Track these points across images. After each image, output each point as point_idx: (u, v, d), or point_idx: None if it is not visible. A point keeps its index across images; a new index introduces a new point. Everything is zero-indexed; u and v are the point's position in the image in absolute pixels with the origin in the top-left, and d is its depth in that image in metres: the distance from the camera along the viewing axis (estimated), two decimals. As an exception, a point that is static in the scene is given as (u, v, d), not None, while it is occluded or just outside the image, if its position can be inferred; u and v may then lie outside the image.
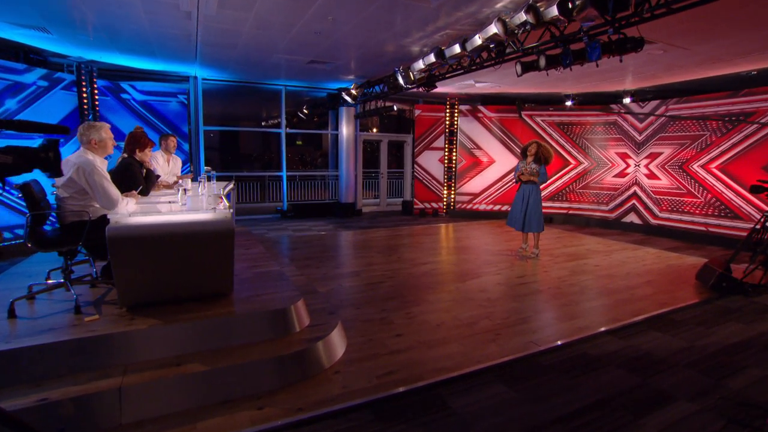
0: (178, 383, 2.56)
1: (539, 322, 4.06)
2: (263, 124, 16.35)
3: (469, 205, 10.96)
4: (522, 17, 4.34)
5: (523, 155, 6.41)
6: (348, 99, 9.38)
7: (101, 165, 3.06)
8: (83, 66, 7.11)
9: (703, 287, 5.03)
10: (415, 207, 11.19)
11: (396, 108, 9.50)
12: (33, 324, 2.78)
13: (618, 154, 9.49)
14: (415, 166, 11.14)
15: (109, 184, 3.01)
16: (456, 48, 5.41)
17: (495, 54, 5.65)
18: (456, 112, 10.76)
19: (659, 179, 8.68)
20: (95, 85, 7.28)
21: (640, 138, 9.02)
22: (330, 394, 2.75)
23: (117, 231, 2.77)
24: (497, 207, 10.76)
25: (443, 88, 9.14)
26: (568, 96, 9.87)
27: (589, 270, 5.89)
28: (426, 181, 11.12)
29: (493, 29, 4.71)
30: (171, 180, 5.15)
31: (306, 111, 11.13)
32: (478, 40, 5.03)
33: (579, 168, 10.14)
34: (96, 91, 7.29)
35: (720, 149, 7.63)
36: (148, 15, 5.05)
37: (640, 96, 9.15)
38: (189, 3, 4.68)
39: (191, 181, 5.48)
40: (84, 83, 7.06)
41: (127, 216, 2.91)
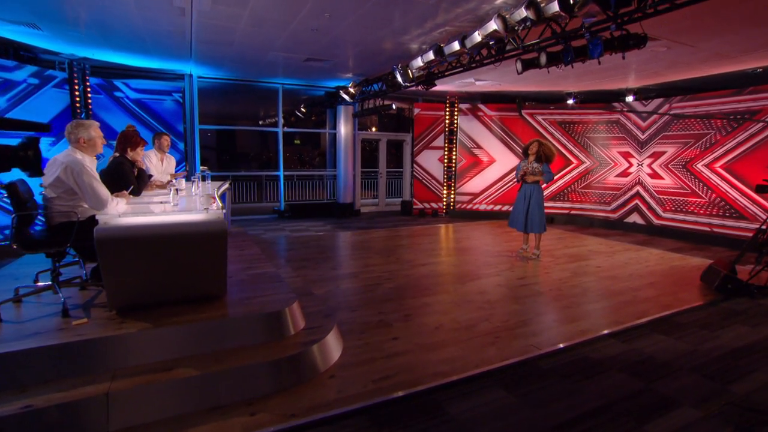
0: (168, 388, 2.53)
1: (540, 324, 4.03)
2: (260, 123, 16.31)
3: (469, 205, 10.93)
4: (522, 13, 4.31)
5: (525, 154, 6.38)
6: (346, 97, 9.34)
7: (90, 164, 3.03)
8: (75, 63, 7.06)
9: (708, 289, 4.99)
10: (415, 207, 11.16)
11: (395, 106, 9.47)
12: (19, 328, 2.74)
13: (620, 153, 9.46)
14: (415, 165, 11.11)
15: (99, 183, 2.97)
16: (455, 45, 5.38)
17: (495, 51, 5.62)
18: (456, 110, 10.72)
19: (663, 179, 8.64)
20: (88, 83, 7.24)
21: (643, 137, 8.99)
22: (325, 399, 2.71)
23: (106, 232, 2.73)
24: (498, 207, 10.73)
25: (443, 86, 9.12)
26: (569, 94, 9.84)
27: (591, 271, 5.86)
28: (425, 181, 11.08)
29: (493, 26, 4.68)
30: (165, 179, 5.12)
31: (304, 110, 11.09)
32: (477, 37, 5.00)
33: (581, 167, 10.11)
34: (89, 89, 7.25)
35: (725, 148, 7.60)
36: (140, 11, 5.01)
37: (643, 94, 9.12)
38: (182, -1, 4.65)
39: (185, 181, 5.45)
40: (76, 81, 7.02)
41: (117, 217, 2.87)
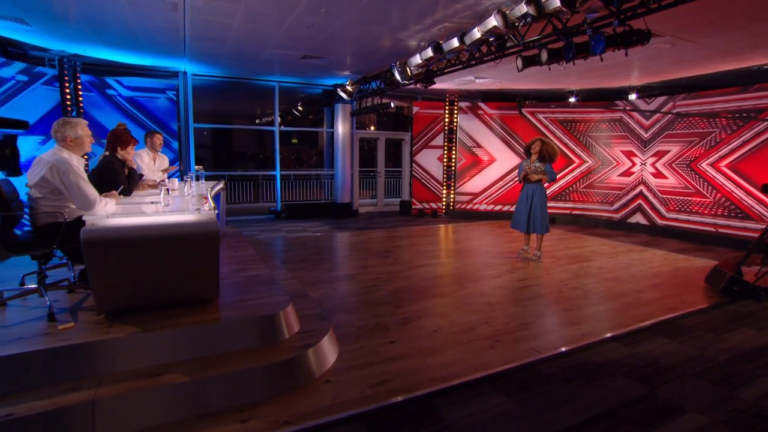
0: (156, 395, 2.48)
1: (541, 327, 3.99)
2: (257, 121, 16.27)
3: (469, 205, 10.89)
4: (523, 9, 4.27)
5: (527, 154, 6.33)
6: (343, 95, 9.31)
7: (77, 163, 2.98)
8: (66, 60, 7.01)
9: (713, 291, 4.95)
10: (414, 207, 11.12)
11: (393, 105, 9.42)
12: (2, 333, 2.69)
13: (623, 152, 9.42)
14: (414, 164, 11.06)
15: (86, 183, 2.93)
16: (454, 42, 5.35)
17: (495, 48, 5.59)
18: (455, 109, 10.69)
19: (666, 178, 8.61)
20: (79, 81, 7.19)
21: (646, 135, 8.96)
22: (319, 405, 2.67)
23: (93, 233, 2.69)
24: (498, 207, 10.69)
25: (442, 84, 9.08)
26: (571, 92, 9.81)
27: (594, 273, 5.82)
28: (424, 181, 11.05)
29: (493, 22, 4.65)
30: (157, 176, 5.08)
31: (301, 108, 11.07)
32: (477, 33, 4.96)
33: (583, 167, 10.08)
34: (80, 87, 7.20)
35: (730, 147, 7.57)
36: (132, 6, 4.96)
37: (646, 92, 9.08)
38: (175, -7, 4.61)
39: (178, 181, 5.41)
40: (67, 78, 6.97)
41: (105, 217, 2.83)
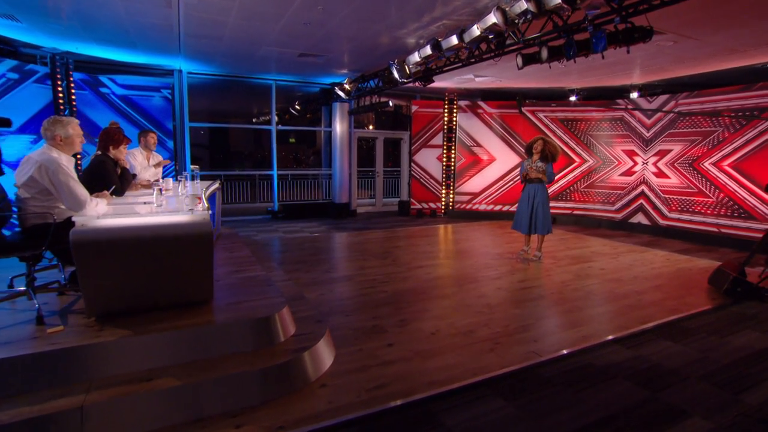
0: (147, 400, 2.45)
1: (541, 330, 3.96)
2: (254, 120, 16.24)
3: (469, 205, 10.87)
4: (522, 5, 4.25)
5: (528, 153, 6.31)
6: (341, 94, 9.28)
7: (67, 163, 2.94)
8: (58, 57, 6.96)
9: (716, 292, 4.93)
10: (412, 207, 11.10)
11: (392, 103, 9.41)
12: (-11, 336, 2.66)
13: (625, 151, 9.40)
14: (412, 164, 11.04)
15: (76, 183, 2.89)
16: (453, 39, 5.32)
17: (494, 46, 5.56)
18: (455, 108, 10.66)
19: (668, 178, 8.59)
20: (71, 78, 7.15)
21: (648, 134, 8.94)
22: (315, 410, 2.64)
23: (83, 235, 2.65)
24: (498, 207, 10.67)
25: (441, 82, 9.05)
26: (572, 91, 9.78)
27: (595, 274, 5.80)
28: (423, 180, 11.02)
29: (492, 19, 4.62)
30: (150, 172, 5.06)
31: (298, 107, 11.03)
32: (476, 30, 4.94)
33: (584, 166, 10.05)
34: (72, 85, 7.15)
35: (733, 146, 7.55)
36: (123, 2, 4.92)
37: (648, 90, 9.06)
38: (168, -10, 4.57)
39: (173, 181, 5.37)
40: (59, 76, 6.92)
41: (95, 218, 2.79)
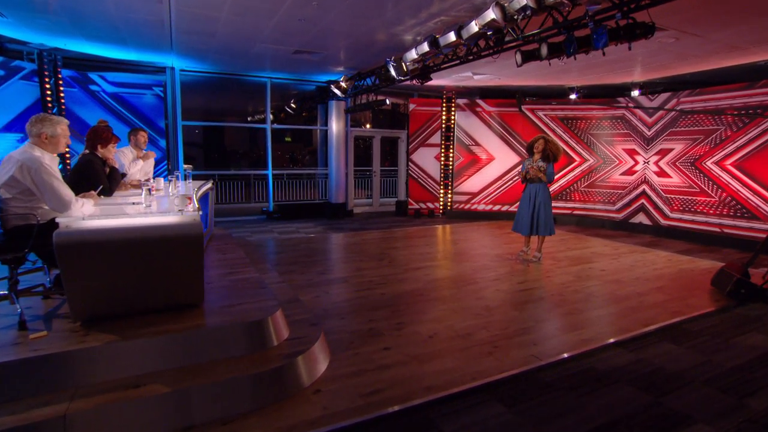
0: (135, 408, 2.40)
1: (541, 332, 3.93)
2: (249, 119, 16.17)
3: (467, 205, 10.84)
4: (522, 1, 4.23)
5: (529, 152, 6.27)
6: (337, 92, 9.24)
7: (50, 162, 2.88)
8: (45, 54, 6.89)
9: (720, 294, 4.90)
10: (410, 207, 11.06)
11: (389, 102, 9.36)
12: (-31, 343, 2.60)
13: (626, 150, 9.39)
14: (410, 163, 11.00)
15: (60, 183, 2.83)
16: (451, 36, 5.29)
17: (493, 42, 5.53)
18: (453, 106, 10.63)
19: (670, 177, 8.58)
20: (60, 75, 7.08)
21: (649, 133, 8.93)
22: (309, 416, 2.60)
23: (67, 237, 2.60)
24: (497, 207, 10.64)
25: (439, 80, 9.01)
26: (572, 89, 9.76)
27: (595, 275, 5.77)
28: (421, 180, 10.98)
29: (491, 15, 4.59)
30: (141, 175, 5.00)
31: (294, 105, 10.98)
32: (474, 27, 4.91)
33: (584, 165, 10.04)
34: (61, 82, 7.09)
35: (736, 145, 7.53)
36: (112, -3, 4.88)
37: (649, 88, 9.04)
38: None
39: (164, 180, 5.32)
40: (47, 73, 6.85)
41: (81, 219, 2.74)
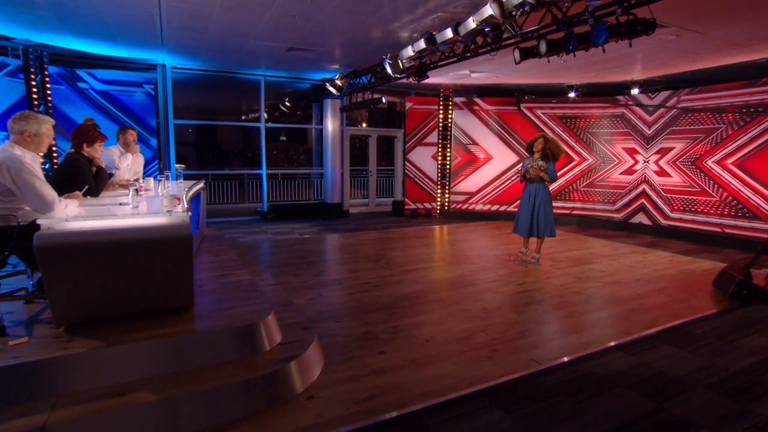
0: (119, 417, 2.33)
1: (540, 336, 3.90)
2: (243, 118, 16.10)
3: (465, 205, 10.80)
4: (520, -4, 4.17)
5: (529, 151, 6.24)
6: (333, 90, 9.18)
7: (31, 161, 2.81)
8: (31, 50, 6.79)
9: (722, 295, 4.88)
10: (407, 207, 11.02)
11: (385, 100, 9.33)
12: (-56, 350, 2.53)
13: (625, 149, 9.37)
14: (407, 163, 10.96)
15: (42, 183, 2.76)
16: (448, 32, 5.24)
17: (491, 39, 5.48)
18: (450, 104, 10.59)
19: (670, 176, 8.56)
20: (46, 72, 6.99)
21: (649, 132, 8.91)
22: (302, 424, 2.55)
23: (48, 239, 2.53)
24: (495, 207, 10.61)
25: (436, 78, 8.98)
26: (571, 87, 9.75)
27: (595, 276, 5.74)
28: (418, 180, 10.94)
29: (489, 11, 4.54)
30: (130, 174, 4.93)
31: (288, 104, 10.93)
32: (472, 23, 4.86)
33: (583, 165, 10.02)
34: (47, 79, 6.99)
35: (737, 144, 7.52)
36: (101, -8, 4.81)
37: (649, 86, 9.04)
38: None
39: (154, 180, 5.25)
40: (32, 69, 6.75)
41: (64, 221, 2.67)
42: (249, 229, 8.99)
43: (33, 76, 6.78)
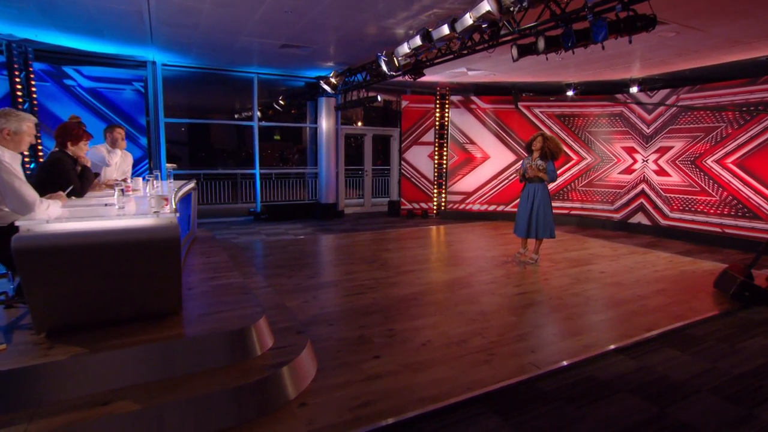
0: (103, 427, 2.26)
1: (539, 339, 3.85)
2: (236, 116, 15.99)
3: (462, 205, 10.77)
4: (518, -9, 4.14)
5: (528, 151, 6.21)
6: (327, 88, 9.12)
7: (11, 160, 2.73)
8: (15, 45, 6.68)
9: (723, 297, 4.86)
10: (403, 207, 10.98)
11: (381, 98, 9.28)
12: None
13: (624, 148, 9.37)
14: (403, 162, 10.92)
15: (22, 183, 2.69)
16: (444, 29, 5.20)
17: (488, 36, 5.46)
18: (447, 103, 10.56)
19: (669, 176, 8.56)
20: (31, 69, 6.90)
21: (648, 131, 8.91)
22: (294, 432, 2.49)
23: (27, 241, 2.46)
24: (492, 207, 10.58)
25: (432, 76, 8.95)
26: (569, 85, 9.73)
27: (594, 277, 5.72)
28: (414, 179, 10.90)
29: (486, 7, 4.51)
30: (118, 174, 4.86)
31: (282, 102, 10.85)
32: (468, 19, 4.83)
33: (582, 164, 10.01)
34: (32, 76, 6.89)
35: (737, 142, 7.52)
36: (85, -15, 4.73)
37: (648, 84, 9.03)
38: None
39: (143, 180, 5.17)
40: (16, 66, 6.65)
41: (44, 222, 2.60)
42: (242, 230, 8.92)
43: (17, 72, 6.68)
